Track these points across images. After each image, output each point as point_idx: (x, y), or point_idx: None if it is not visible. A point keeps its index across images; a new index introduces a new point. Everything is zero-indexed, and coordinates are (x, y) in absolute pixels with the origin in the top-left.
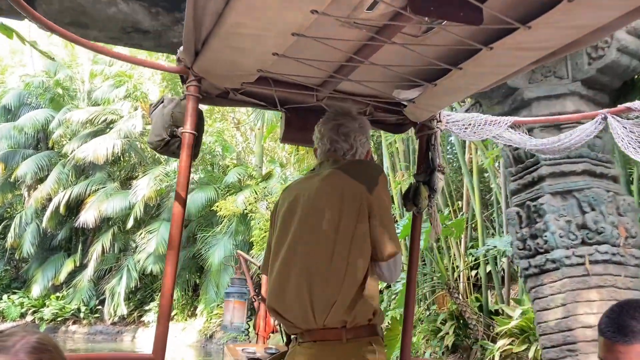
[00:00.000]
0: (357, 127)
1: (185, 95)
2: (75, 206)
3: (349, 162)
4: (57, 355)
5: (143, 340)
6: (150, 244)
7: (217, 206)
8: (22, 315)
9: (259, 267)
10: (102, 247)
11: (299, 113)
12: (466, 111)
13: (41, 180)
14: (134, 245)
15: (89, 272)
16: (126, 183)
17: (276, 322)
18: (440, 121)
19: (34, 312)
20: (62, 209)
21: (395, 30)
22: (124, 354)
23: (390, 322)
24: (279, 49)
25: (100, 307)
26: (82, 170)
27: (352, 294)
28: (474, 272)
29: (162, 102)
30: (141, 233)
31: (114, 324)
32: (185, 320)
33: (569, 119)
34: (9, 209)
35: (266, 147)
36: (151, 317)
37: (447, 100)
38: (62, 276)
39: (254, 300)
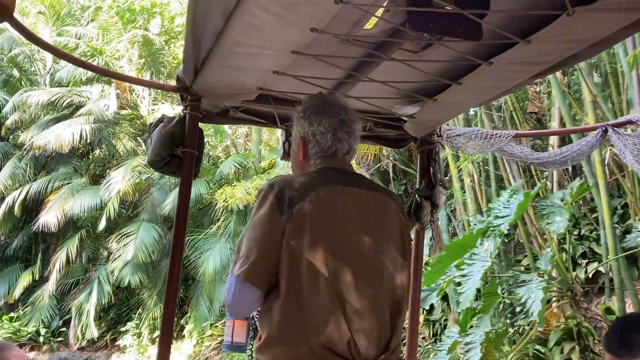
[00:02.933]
0: (359, 130)
1: (185, 114)
2: (33, 207)
3: (373, 182)
4: None
5: None
6: (127, 250)
7: (222, 193)
8: None
9: None
10: (67, 255)
11: None
12: None
13: None
14: (106, 252)
15: (50, 286)
16: (97, 177)
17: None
18: (440, 136)
19: None
20: (17, 211)
21: (394, 47)
22: None
23: None
24: (279, 67)
25: (64, 329)
26: (43, 164)
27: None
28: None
29: (162, 121)
30: (116, 237)
31: (81, 349)
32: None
33: (569, 131)
34: None
35: (264, 135)
36: (128, 340)
37: (447, 115)
38: (18, 292)
39: (255, 320)
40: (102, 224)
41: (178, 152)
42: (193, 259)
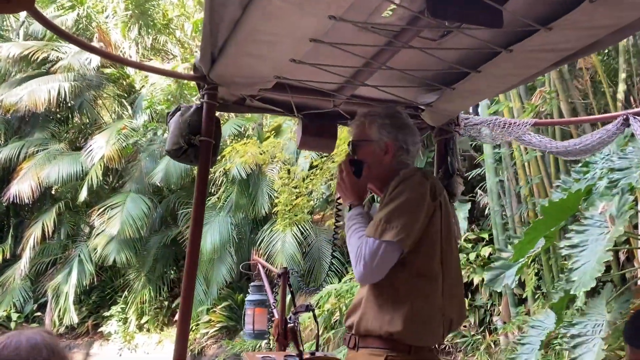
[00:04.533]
0: None
1: (202, 103)
2: (4, 175)
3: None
4: None
5: (101, 358)
6: (112, 224)
7: (230, 150)
8: None
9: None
10: (43, 230)
11: (315, 119)
12: None
13: None
14: (87, 228)
15: (23, 265)
16: (77, 144)
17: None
18: (458, 125)
19: None
20: None
21: (413, 35)
22: None
23: None
24: (296, 55)
25: (39, 313)
26: (16, 129)
27: None
28: None
29: (179, 109)
30: (99, 210)
31: (59, 335)
32: (161, 330)
33: (590, 120)
34: None
35: None
36: (112, 326)
37: (466, 104)
38: None
39: (273, 307)
40: (83, 194)
41: (195, 141)
42: (187, 235)
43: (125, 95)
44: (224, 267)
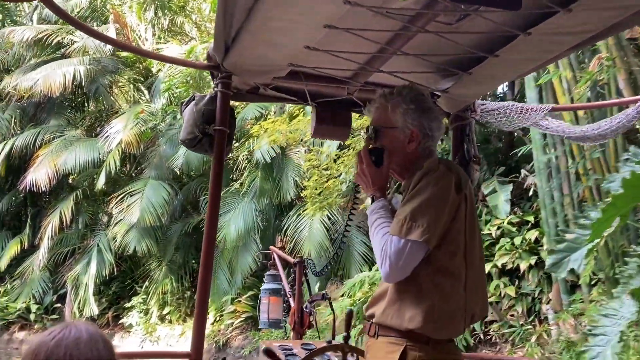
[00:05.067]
0: None
1: (216, 92)
2: (20, 164)
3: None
4: None
5: (123, 351)
6: (132, 212)
7: (259, 129)
8: None
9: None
10: (61, 220)
11: (329, 107)
12: None
13: None
14: (106, 217)
15: (41, 256)
16: (93, 129)
17: (312, 319)
18: (474, 111)
19: None
20: (0, 168)
21: (429, 19)
22: (159, 351)
23: None
24: (311, 41)
25: (59, 304)
26: (31, 116)
27: None
28: None
29: (194, 99)
30: (118, 197)
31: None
32: (184, 321)
33: (609, 104)
34: None
35: None
36: (134, 318)
37: (483, 89)
38: (3, 263)
39: (289, 297)
40: (101, 181)
41: (210, 130)
42: None
43: (142, 79)
44: (248, 255)
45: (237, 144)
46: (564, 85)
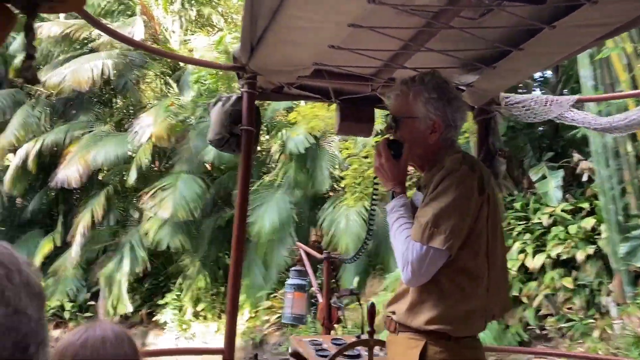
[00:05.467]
0: None
1: (242, 93)
2: (51, 161)
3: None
4: None
5: (158, 348)
6: (164, 207)
7: (296, 115)
8: None
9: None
10: (92, 217)
11: (352, 104)
12: None
13: (2, 129)
14: (137, 213)
15: (74, 253)
16: (122, 125)
17: (341, 314)
18: (498, 104)
19: None
20: (31, 166)
21: (452, 14)
22: (193, 348)
23: None
24: (335, 41)
25: (93, 302)
26: (61, 113)
27: None
28: None
29: (220, 100)
30: (149, 192)
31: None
32: (219, 317)
33: (635, 94)
34: None
35: None
36: (168, 315)
37: (507, 83)
38: (37, 261)
39: (316, 293)
40: (132, 177)
41: (236, 130)
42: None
43: (170, 72)
44: (283, 249)
45: (267, 137)
46: (623, 61)
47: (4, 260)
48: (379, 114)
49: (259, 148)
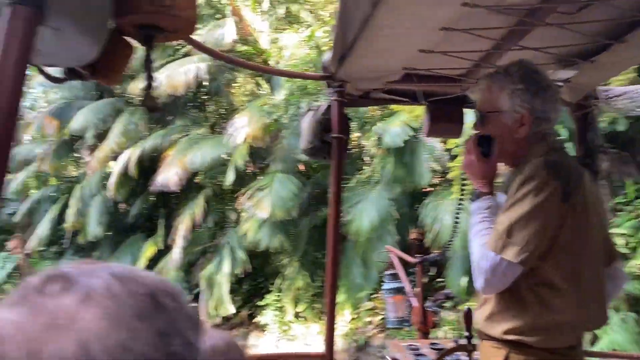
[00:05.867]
0: None
1: (331, 101)
2: (150, 166)
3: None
4: None
5: (260, 350)
6: (261, 207)
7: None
8: None
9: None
10: (192, 219)
11: (442, 105)
12: None
13: (104, 137)
14: (234, 214)
15: (176, 256)
16: (216, 127)
17: (437, 318)
18: (597, 98)
19: None
20: (133, 171)
21: (547, 11)
22: (296, 353)
23: None
24: (426, 45)
25: (195, 304)
26: (157, 119)
27: None
28: None
29: (311, 109)
30: (246, 193)
31: (215, 327)
32: (319, 319)
33: None
34: (69, 180)
35: None
36: (268, 316)
37: (605, 76)
38: (141, 265)
39: (410, 295)
40: (229, 177)
41: (327, 138)
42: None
43: (260, 74)
44: (383, 247)
45: (360, 133)
46: None
47: (174, 293)
48: (468, 113)
49: (352, 144)
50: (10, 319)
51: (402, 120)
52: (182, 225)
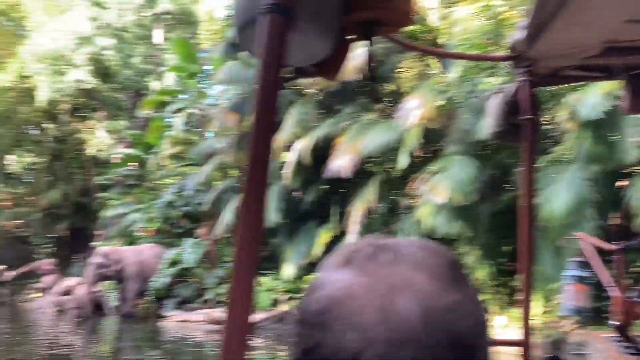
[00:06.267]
0: None
1: (519, 82)
2: (323, 154)
3: None
4: None
5: None
6: (438, 192)
7: None
8: (274, 303)
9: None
10: (366, 205)
11: None
12: None
13: (278, 128)
14: (406, 199)
15: (352, 241)
16: (386, 112)
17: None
18: None
19: (289, 298)
20: (307, 159)
21: None
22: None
23: None
24: (634, 14)
25: None
26: (327, 107)
27: None
28: None
29: (499, 91)
30: (421, 177)
31: None
32: (504, 311)
33: None
34: None
35: None
36: None
37: None
38: (318, 251)
39: (610, 286)
40: (402, 162)
41: (516, 121)
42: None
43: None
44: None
45: (550, 105)
46: None
47: (458, 262)
48: None
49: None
50: (353, 281)
51: (602, 89)
52: (356, 212)
